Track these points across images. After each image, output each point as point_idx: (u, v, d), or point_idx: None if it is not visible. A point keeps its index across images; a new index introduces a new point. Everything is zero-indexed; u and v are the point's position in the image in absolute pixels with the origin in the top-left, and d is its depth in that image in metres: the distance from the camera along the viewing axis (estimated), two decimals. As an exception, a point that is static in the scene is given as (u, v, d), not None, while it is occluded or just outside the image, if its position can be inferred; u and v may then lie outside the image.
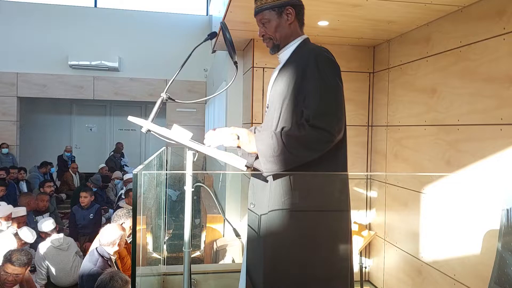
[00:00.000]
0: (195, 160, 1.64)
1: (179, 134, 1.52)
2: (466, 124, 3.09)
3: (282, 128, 1.61)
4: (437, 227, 3.38)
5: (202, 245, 5.15)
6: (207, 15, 10.44)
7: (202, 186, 1.75)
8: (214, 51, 6.30)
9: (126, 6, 10.32)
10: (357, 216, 4.52)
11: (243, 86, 4.86)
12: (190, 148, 1.58)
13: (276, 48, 1.81)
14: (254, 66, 4.28)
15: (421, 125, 3.63)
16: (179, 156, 4.36)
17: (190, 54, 1.78)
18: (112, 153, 10.24)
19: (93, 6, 10.30)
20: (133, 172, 1.13)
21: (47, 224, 4.58)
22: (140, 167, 1.21)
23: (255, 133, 1.75)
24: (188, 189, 1.63)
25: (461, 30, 3.17)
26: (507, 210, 1.73)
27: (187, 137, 1.52)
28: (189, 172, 1.61)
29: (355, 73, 4.48)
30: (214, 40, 4.89)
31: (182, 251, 1.70)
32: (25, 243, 4.29)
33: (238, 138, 1.61)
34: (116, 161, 9.80)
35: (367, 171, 4.55)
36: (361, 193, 4.58)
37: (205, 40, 1.83)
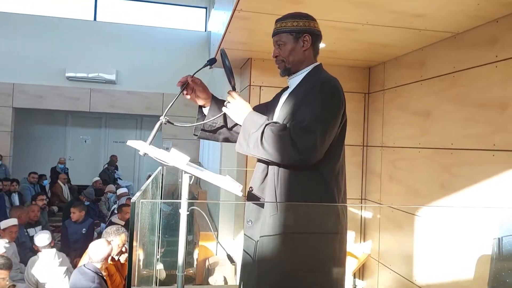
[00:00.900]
0: (191, 183, 1.65)
1: (176, 158, 1.53)
2: (459, 148, 3.13)
3: (273, 123, 1.68)
4: (431, 250, 3.38)
5: (195, 263, 5.12)
6: (205, 31, 10.53)
7: (197, 209, 1.76)
8: (211, 67, 6.35)
9: (125, 21, 10.39)
10: (351, 237, 4.52)
11: (239, 104, 4.89)
12: (186, 172, 1.59)
13: (286, 71, 1.84)
14: (251, 84, 4.31)
15: (416, 147, 3.66)
16: (174, 176, 4.37)
17: (195, 73, 1.86)
18: (106, 165, 10.20)
19: (93, 19, 10.37)
20: (131, 201, 1.13)
21: (42, 238, 4.47)
22: (138, 194, 1.20)
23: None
24: (183, 213, 1.64)
25: (454, 56, 3.23)
26: (499, 239, 1.75)
27: (184, 161, 1.53)
28: (184, 197, 1.62)
29: (351, 93, 4.53)
30: (212, 56, 4.94)
31: (175, 269, 1.69)
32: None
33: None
34: (109, 174, 9.76)
35: (361, 191, 4.57)
36: (355, 214, 4.59)
37: (204, 66, 1.85)
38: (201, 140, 9.72)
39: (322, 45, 3.65)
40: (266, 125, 1.63)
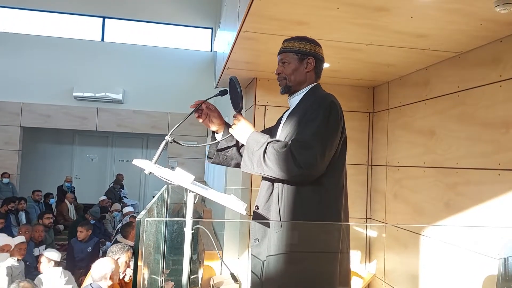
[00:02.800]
0: (195, 202, 1.66)
1: (181, 177, 1.55)
2: (464, 168, 3.12)
3: (275, 141, 1.71)
4: (437, 270, 3.34)
5: (199, 282, 5.08)
6: (211, 51, 10.68)
7: (201, 228, 1.76)
8: (217, 87, 6.42)
9: (132, 41, 10.58)
10: (357, 256, 4.47)
11: (244, 123, 4.93)
12: (191, 191, 1.61)
13: (287, 89, 1.91)
14: (256, 104, 4.35)
15: (420, 167, 3.65)
16: (179, 194, 4.38)
17: (207, 100, 1.93)
18: (112, 184, 10.23)
19: (101, 40, 10.56)
20: (136, 219, 1.14)
21: (52, 254, 4.44)
22: (143, 212, 1.22)
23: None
24: (188, 231, 1.64)
25: (459, 75, 3.25)
26: (505, 259, 1.74)
27: (189, 180, 1.55)
28: (189, 215, 1.63)
29: (355, 113, 4.55)
30: (218, 76, 5.00)
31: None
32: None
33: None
34: (115, 192, 9.78)
35: (366, 210, 4.54)
36: (360, 233, 4.56)
37: (216, 95, 1.94)
38: (205, 159, 9.75)
39: (326, 65, 3.73)
40: (268, 143, 1.68)
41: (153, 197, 3.44)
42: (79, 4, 10.34)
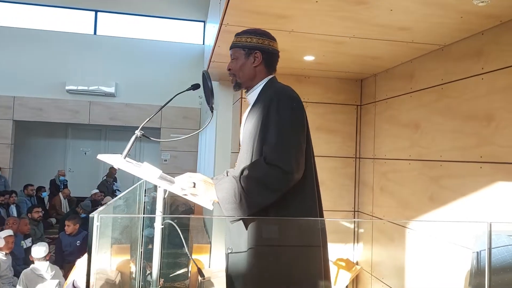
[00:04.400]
0: (165, 197, 1.65)
1: (148, 172, 1.54)
2: (448, 161, 3.12)
3: (243, 171, 1.60)
4: (422, 263, 3.36)
5: (189, 275, 5.09)
6: (203, 44, 10.62)
7: (172, 223, 1.76)
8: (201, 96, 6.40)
9: (124, 34, 10.50)
10: (345, 250, 4.49)
11: (232, 116, 4.91)
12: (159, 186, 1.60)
13: (238, 86, 1.86)
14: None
15: (406, 159, 3.65)
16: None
17: (172, 99, 1.87)
18: (105, 177, 10.21)
19: (93, 33, 10.48)
20: (89, 216, 1.13)
21: (39, 250, 4.43)
22: (101, 208, 1.20)
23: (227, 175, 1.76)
24: (158, 227, 1.64)
25: (442, 68, 3.24)
26: (477, 253, 1.74)
27: (156, 175, 1.54)
28: (159, 210, 1.62)
29: (343, 105, 4.54)
30: (206, 68, 4.98)
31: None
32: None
33: (194, 186, 1.60)
34: (108, 185, 9.76)
35: (354, 203, 4.55)
36: (348, 226, 4.57)
37: (187, 89, 1.88)
38: (198, 152, 9.74)
39: (310, 57, 3.71)
40: (236, 180, 1.57)
41: (145, 191, 3.45)
42: (71, -3, 10.26)
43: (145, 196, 3.04)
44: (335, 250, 4.37)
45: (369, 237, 4.28)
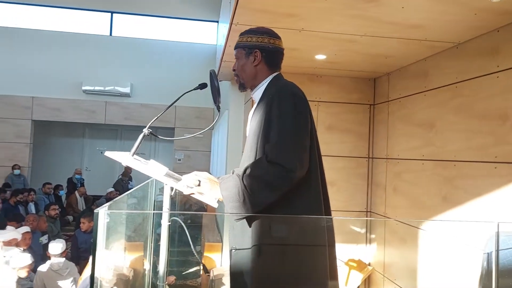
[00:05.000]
0: (172, 194, 1.66)
1: (154, 169, 1.55)
2: (462, 161, 3.07)
3: (246, 169, 1.59)
4: (435, 264, 3.31)
5: (200, 273, 5.11)
6: (216, 44, 10.67)
7: (178, 220, 1.77)
8: (220, 80, 6.43)
9: (139, 35, 10.62)
10: (357, 250, 4.45)
11: (243, 116, 4.92)
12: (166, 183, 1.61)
13: (242, 87, 1.86)
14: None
15: (419, 159, 3.60)
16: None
17: (178, 98, 1.89)
18: (120, 176, 10.34)
19: (109, 34, 10.63)
20: (94, 211, 1.15)
21: (55, 247, 4.49)
22: (108, 204, 1.22)
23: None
24: (164, 223, 1.65)
25: (457, 66, 3.18)
26: (488, 254, 1.70)
27: (162, 172, 1.55)
28: (165, 208, 1.63)
29: (356, 105, 4.50)
30: (217, 69, 5.00)
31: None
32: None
33: (199, 185, 1.59)
34: (123, 184, 9.87)
35: (367, 204, 4.51)
36: (360, 226, 4.53)
37: (195, 89, 1.88)
38: (211, 152, 9.79)
39: (322, 56, 3.69)
40: (239, 179, 1.56)
41: (159, 189, 3.47)
42: (87, 0, 10.42)
43: (158, 195, 3.07)
44: (347, 251, 4.34)
45: (381, 237, 4.24)
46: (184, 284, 4.67)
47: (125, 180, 10.03)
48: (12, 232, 4.78)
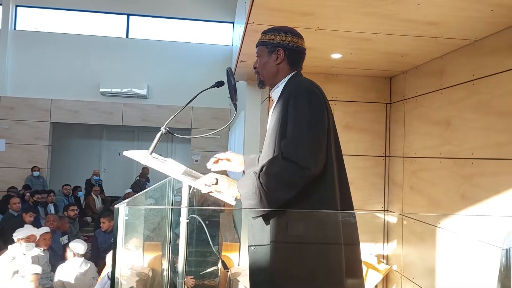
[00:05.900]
0: (190, 192, 1.69)
1: (172, 168, 1.58)
2: (480, 158, 3.03)
3: (262, 167, 1.60)
4: (454, 262, 3.28)
5: (218, 273, 5.15)
6: (232, 45, 10.72)
7: (196, 217, 1.80)
8: (236, 81, 6.47)
9: (155, 37, 10.75)
10: (375, 249, 4.43)
11: (260, 116, 4.94)
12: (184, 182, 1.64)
13: (261, 84, 1.89)
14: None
15: (436, 158, 3.57)
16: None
17: (195, 97, 1.90)
18: (138, 177, 10.46)
19: (125, 37, 10.78)
20: (115, 207, 1.18)
21: (78, 247, 4.56)
22: (127, 200, 1.25)
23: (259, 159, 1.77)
24: (183, 220, 1.68)
25: (473, 63, 3.15)
26: (506, 250, 1.69)
27: (180, 171, 1.58)
28: (184, 204, 1.66)
29: (372, 104, 4.48)
30: (233, 70, 5.04)
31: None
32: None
33: (217, 183, 1.62)
34: (141, 185, 10.00)
35: (384, 203, 4.49)
36: (378, 225, 4.50)
37: (212, 87, 1.92)
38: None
39: (337, 55, 3.69)
40: (257, 176, 1.58)
41: (176, 190, 3.52)
42: (104, 2, 10.59)
43: (176, 195, 3.11)
44: (365, 249, 4.32)
45: (399, 236, 4.21)
46: (202, 284, 4.72)
47: (142, 181, 10.16)
48: (30, 229, 4.89)
